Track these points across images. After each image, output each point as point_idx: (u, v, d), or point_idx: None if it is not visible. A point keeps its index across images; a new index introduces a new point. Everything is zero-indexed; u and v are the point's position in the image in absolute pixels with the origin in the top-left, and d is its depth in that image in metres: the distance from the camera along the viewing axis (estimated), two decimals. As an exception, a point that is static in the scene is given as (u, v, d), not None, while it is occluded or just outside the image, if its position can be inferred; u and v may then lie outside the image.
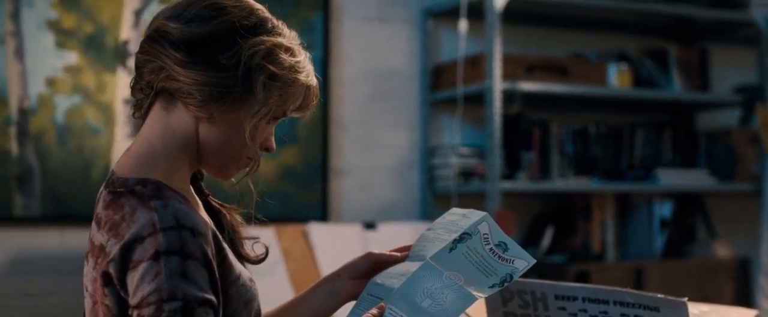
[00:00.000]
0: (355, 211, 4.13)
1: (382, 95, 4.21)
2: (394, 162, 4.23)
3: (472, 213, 1.74)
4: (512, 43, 4.25)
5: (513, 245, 1.71)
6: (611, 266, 4.26)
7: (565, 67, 4.12)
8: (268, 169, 3.95)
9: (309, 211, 4.02)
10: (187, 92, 1.54)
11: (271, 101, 1.57)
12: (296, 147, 4.02)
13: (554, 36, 4.53)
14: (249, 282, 1.59)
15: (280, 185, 3.98)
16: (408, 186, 4.25)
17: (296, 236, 3.78)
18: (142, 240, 1.44)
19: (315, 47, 4.04)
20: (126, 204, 1.49)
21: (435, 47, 4.30)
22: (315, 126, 4.04)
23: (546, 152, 4.23)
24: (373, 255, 1.74)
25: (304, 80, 1.62)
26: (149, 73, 1.57)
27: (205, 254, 1.46)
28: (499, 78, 3.90)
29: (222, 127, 1.57)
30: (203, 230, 1.48)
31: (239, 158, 1.63)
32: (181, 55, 1.54)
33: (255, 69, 1.55)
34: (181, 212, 1.46)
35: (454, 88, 4.09)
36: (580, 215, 4.36)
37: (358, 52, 4.17)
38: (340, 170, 4.12)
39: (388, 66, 4.22)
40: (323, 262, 3.70)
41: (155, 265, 1.42)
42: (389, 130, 4.22)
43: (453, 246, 1.67)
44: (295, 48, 1.63)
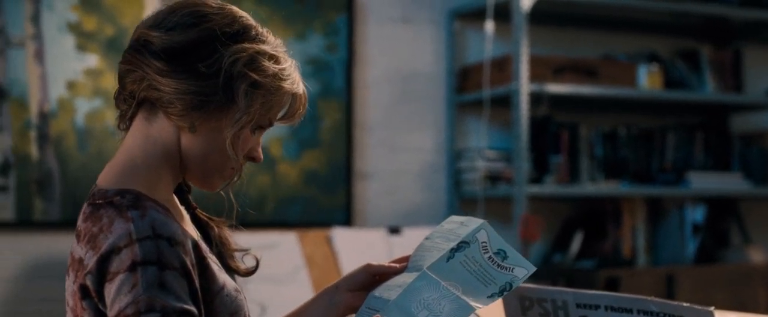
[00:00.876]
0: (379, 215, 4.06)
1: (407, 97, 4.14)
2: (420, 166, 4.16)
3: (471, 221, 1.68)
4: (540, 45, 4.17)
5: (512, 252, 1.65)
6: (642, 272, 4.17)
7: (593, 69, 4.05)
8: (291, 173, 3.90)
9: (333, 216, 3.96)
10: (168, 101, 1.51)
11: (253, 110, 1.53)
12: (319, 151, 3.97)
13: (583, 37, 4.44)
14: (234, 292, 1.55)
15: (303, 190, 3.93)
16: (434, 190, 4.18)
17: (319, 241, 3.72)
18: (119, 251, 1.40)
19: (338, 49, 3.99)
20: (104, 216, 1.46)
21: (461, 49, 4.23)
22: (339, 129, 3.99)
23: (575, 156, 4.15)
24: (371, 267, 1.69)
25: (289, 88, 1.58)
26: (131, 83, 1.54)
27: (183, 263, 1.43)
28: (526, 80, 3.83)
29: (204, 136, 1.54)
30: (181, 240, 1.44)
31: (223, 169, 1.59)
32: (161, 64, 1.51)
33: (236, 77, 1.51)
34: (158, 221, 1.43)
35: (480, 90, 4.02)
36: (610, 220, 4.27)
37: (382, 53, 4.11)
38: (365, 173, 4.06)
39: (413, 68, 4.16)
40: (347, 268, 3.64)
41: (132, 276, 1.38)
42: (414, 133, 4.15)
43: (451, 255, 1.62)
44: (279, 55, 1.58)
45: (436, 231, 1.70)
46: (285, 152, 3.91)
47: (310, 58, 3.94)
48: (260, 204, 3.85)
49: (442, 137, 4.19)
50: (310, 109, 3.86)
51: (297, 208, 3.92)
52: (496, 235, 1.66)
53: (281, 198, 3.89)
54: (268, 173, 3.87)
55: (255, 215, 3.82)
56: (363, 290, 1.68)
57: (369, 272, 1.69)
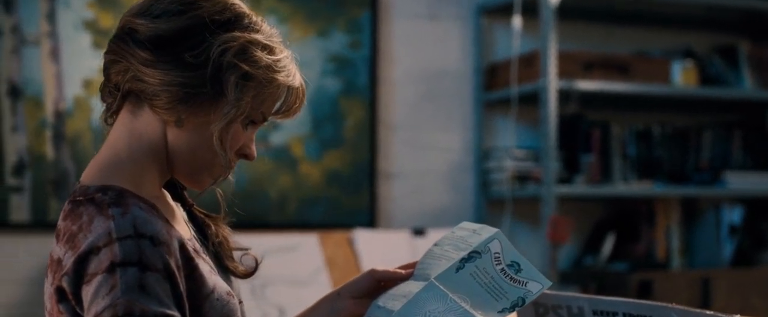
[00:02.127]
0: (404, 217, 3.96)
1: (433, 96, 4.04)
2: (446, 165, 4.05)
3: (484, 229, 1.58)
4: (569, 40, 4.05)
5: (527, 265, 1.55)
6: (676, 275, 4.03)
7: (625, 65, 3.92)
8: (314, 173, 3.81)
9: (356, 217, 3.86)
10: (153, 93, 1.43)
11: (244, 103, 1.44)
12: (342, 150, 3.87)
13: (614, 32, 4.31)
14: (226, 296, 1.45)
15: (325, 190, 3.83)
16: (460, 191, 4.06)
17: (341, 243, 3.63)
18: (98, 251, 1.32)
19: (362, 46, 3.89)
20: (84, 213, 1.37)
21: (488, 45, 4.11)
22: (362, 128, 3.89)
23: (607, 155, 4.03)
24: (375, 273, 1.60)
25: (284, 80, 1.48)
26: (116, 74, 1.46)
27: (167, 265, 1.34)
28: (554, 77, 3.71)
29: (191, 131, 1.45)
30: (165, 239, 1.35)
31: (212, 166, 1.49)
32: (146, 53, 1.42)
33: (226, 68, 1.42)
34: (140, 219, 1.34)
35: (507, 87, 3.90)
36: (643, 222, 4.14)
37: (407, 51, 4.01)
38: (389, 173, 3.96)
39: (439, 65, 4.05)
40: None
41: (110, 278, 1.30)
42: (441, 132, 4.04)
43: (460, 265, 1.52)
44: (274, 46, 1.49)
45: (447, 238, 1.61)
46: (307, 151, 3.81)
47: (332, 56, 3.85)
48: (281, 205, 3.76)
49: (469, 136, 4.08)
50: (332, 108, 3.82)
51: (319, 209, 3.82)
52: (510, 246, 1.56)
53: (303, 199, 3.79)
54: (289, 174, 3.78)
55: (276, 217, 3.74)
56: (366, 297, 1.60)
57: (373, 278, 1.60)
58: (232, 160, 1.50)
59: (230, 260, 1.58)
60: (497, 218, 3.99)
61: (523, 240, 4.05)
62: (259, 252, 3.40)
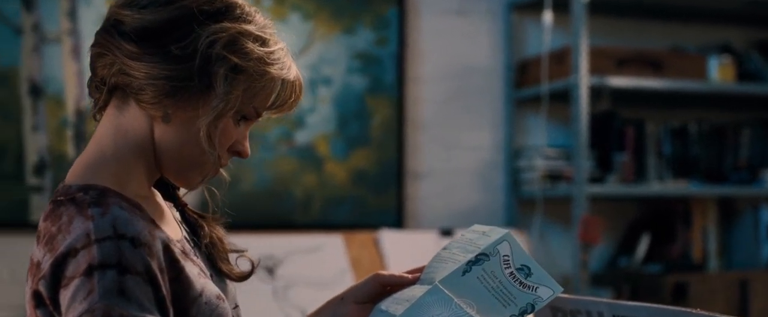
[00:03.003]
0: (432, 217, 3.87)
1: (463, 93, 3.95)
2: (475, 165, 3.96)
3: (493, 231, 1.50)
4: (601, 36, 3.94)
5: (537, 269, 1.46)
6: (713, 277, 3.91)
7: (660, 61, 3.81)
8: (339, 173, 3.74)
9: (383, 217, 3.78)
10: (139, 87, 1.36)
11: (233, 96, 1.37)
12: (369, 149, 3.79)
13: (647, 27, 4.19)
14: (216, 300, 1.38)
15: (351, 190, 3.76)
16: (490, 190, 3.97)
17: (366, 243, 3.55)
18: (76, 253, 1.25)
19: (389, 43, 3.81)
20: (64, 214, 1.31)
21: (519, 41, 4.02)
22: (389, 126, 3.81)
23: (641, 153, 3.92)
24: (380, 277, 1.53)
25: (277, 73, 1.40)
26: (102, 68, 1.40)
27: (148, 268, 1.27)
28: (585, 73, 3.62)
29: (179, 127, 1.39)
30: (146, 240, 1.28)
31: (202, 164, 1.42)
32: (132, 46, 1.36)
33: (215, 60, 1.36)
34: (120, 219, 1.28)
35: (539, 84, 3.81)
36: (679, 222, 4.02)
37: (436, 47, 3.92)
38: (417, 173, 3.88)
39: (468, 62, 3.96)
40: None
41: (88, 281, 1.23)
42: (470, 130, 3.95)
43: (467, 268, 1.44)
44: (267, 37, 1.41)
45: (456, 241, 1.53)
46: (332, 150, 3.74)
47: (358, 53, 3.77)
48: (306, 205, 3.69)
49: (499, 135, 3.99)
50: (359, 106, 3.75)
51: (345, 209, 3.75)
52: (520, 248, 1.48)
53: (328, 199, 3.72)
54: (314, 173, 3.71)
55: (301, 217, 3.67)
56: (371, 302, 1.53)
57: (378, 282, 1.53)
58: (223, 157, 1.44)
59: (225, 262, 1.52)
60: (528, 218, 3.90)
61: (554, 240, 3.96)
62: (282, 253, 3.37)
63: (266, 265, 3.37)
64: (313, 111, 3.71)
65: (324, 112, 3.73)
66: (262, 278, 3.33)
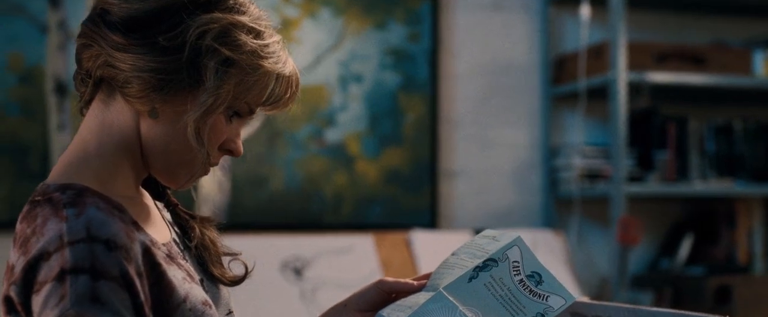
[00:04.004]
0: (467, 217, 3.77)
1: (498, 90, 3.84)
2: (512, 163, 3.86)
3: (504, 235, 1.41)
4: (640, 30, 3.83)
5: (549, 277, 1.38)
6: (758, 280, 3.77)
7: (702, 56, 3.68)
8: (371, 172, 3.65)
9: (416, 217, 3.69)
10: (124, 80, 1.29)
11: (224, 91, 1.29)
12: (402, 148, 3.70)
13: (688, 21, 4.06)
14: (201, 307, 1.30)
15: (383, 190, 3.67)
16: (526, 190, 3.86)
17: (397, 244, 3.46)
18: (48, 257, 1.18)
19: (422, 39, 3.72)
20: (39, 215, 1.24)
21: (556, 37, 3.91)
22: (423, 124, 3.72)
23: (683, 152, 3.79)
24: (384, 284, 1.46)
25: (271, 67, 1.33)
26: (88, 60, 1.33)
27: (124, 272, 1.19)
28: (624, 69, 3.50)
29: (166, 123, 1.32)
30: (122, 243, 1.21)
31: (190, 163, 1.34)
32: (118, 36, 1.29)
33: (205, 52, 1.28)
34: (95, 221, 1.20)
35: (576, 81, 3.69)
36: (723, 223, 3.89)
37: (471, 43, 3.82)
38: (451, 172, 3.78)
39: (504, 58, 3.86)
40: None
41: (60, 287, 1.16)
42: (506, 128, 3.85)
43: (474, 274, 1.36)
44: (261, 29, 1.34)
45: (465, 246, 1.45)
46: (364, 149, 3.66)
47: (391, 49, 3.68)
48: (337, 206, 3.61)
49: (536, 133, 3.88)
50: (391, 103, 3.65)
51: (377, 209, 3.66)
52: (531, 254, 1.40)
53: (360, 199, 3.64)
54: (345, 173, 3.63)
55: (331, 217, 3.59)
56: (374, 310, 1.46)
57: (382, 289, 1.46)
58: (214, 155, 1.36)
59: (217, 266, 1.44)
60: (565, 218, 3.80)
61: (592, 241, 3.85)
62: (310, 254, 3.29)
63: (294, 266, 3.29)
64: (344, 109, 3.63)
65: (355, 110, 3.65)
66: (289, 279, 3.26)
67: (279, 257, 3.31)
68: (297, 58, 3.79)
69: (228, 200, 3.49)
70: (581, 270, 3.75)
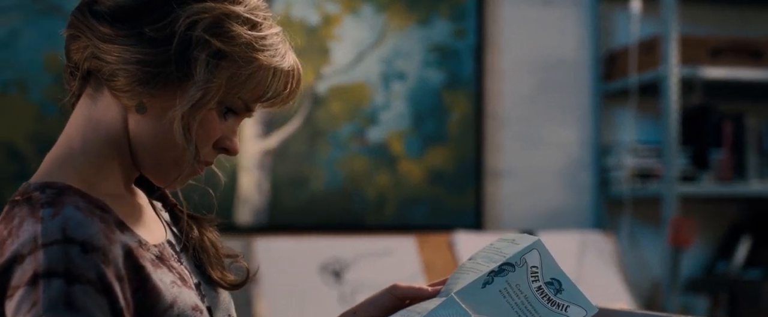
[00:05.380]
0: (514, 218, 3.66)
1: (546, 87, 3.73)
2: (561, 163, 3.74)
3: (522, 239, 1.31)
4: (693, 24, 3.69)
5: (569, 285, 1.28)
6: (820, 283, 3.61)
7: (759, 50, 3.53)
8: (415, 172, 3.56)
9: (460, 218, 3.59)
10: (111, 73, 1.22)
11: (214, 85, 1.22)
12: (446, 147, 3.60)
13: (744, 13, 3.89)
14: (191, 312, 1.23)
15: (427, 190, 3.57)
16: (576, 190, 3.74)
17: (440, 246, 3.37)
18: (22, 260, 1.12)
19: (467, 34, 3.62)
20: (16, 216, 1.17)
21: (607, 32, 3.78)
22: (468, 123, 3.61)
23: (740, 150, 3.64)
24: (397, 289, 1.38)
25: (267, 61, 1.25)
26: (75, 52, 1.26)
27: (101, 276, 1.12)
28: (676, 64, 3.37)
29: (155, 119, 1.24)
30: (100, 245, 1.14)
31: (180, 160, 1.26)
32: (105, 27, 1.22)
33: (195, 44, 1.21)
34: (72, 221, 1.13)
35: (626, 77, 3.57)
36: (782, 224, 3.74)
37: (518, 39, 3.71)
38: (498, 171, 3.67)
39: (552, 54, 3.74)
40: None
41: (33, 291, 1.09)
42: (554, 126, 3.73)
43: (488, 279, 1.26)
44: (258, 20, 1.26)
45: (484, 249, 1.36)
46: (407, 148, 3.57)
47: (435, 45, 3.59)
48: (379, 206, 3.52)
49: (586, 131, 3.75)
50: (435, 101, 3.56)
51: (420, 210, 3.57)
52: (551, 259, 1.30)
53: (403, 200, 3.55)
54: (388, 173, 3.54)
55: (373, 218, 3.51)
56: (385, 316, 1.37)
57: (394, 295, 1.38)
58: (208, 154, 1.29)
59: (216, 268, 1.36)
60: (616, 219, 3.67)
61: (644, 243, 3.72)
62: (351, 256, 3.21)
63: (333, 269, 3.22)
64: (387, 107, 3.55)
65: (398, 108, 3.56)
66: (327, 282, 3.18)
67: (318, 259, 3.23)
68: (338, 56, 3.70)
69: (267, 200, 3.42)
70: (632, 274, 3.62)
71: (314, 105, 3.48)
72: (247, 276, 1.39)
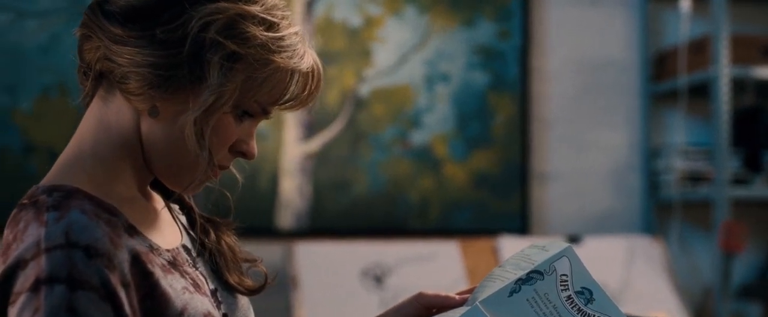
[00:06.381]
0: (560, 222, 3.59)
1: (594, 88, 3.65)
2: (609, 165, 3.66)
3: (552, 245, 1.25)
4: (745, 23, 3.59)
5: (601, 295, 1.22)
6: None
7: (813, 49, 3.44)
8: (459, 175, 3.50)
9: (505, 223, 3.52)
10: (122, 75, 1.18)
11: (228, 89, 1.17)
12: (491, 150, 3.54)
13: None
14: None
15: (471, 194, 3.51)
16: (625, 193, 3.66)
17: (484, 251, 3.30)
18: (25, 265, 1.09)
19: (512, 36, 3.55)
20: (22, 219, 1.14)
21: (655, 32, 3.69)
22: (513, 125, 3.55)
23: (794, 152, 3.54)
24: (424, 297, 1.34)
25: (284, 63, 1.20)
26: (88, 52, 1.22)
27: (105, 282, 1.09)
28: (727, 64, 3.28)
29: (168, 122, 1.20)
30: (105, 250, 1.10)
31: (194, 164, 1.22)
32: (117, 28, 1.18)
33: (208, 46, 1.16)
34: (76, 225, 1.10)
35: (675, 77, 3.48)
36: (839, 228, 3.63)
37: (565, 40, 3.64)
38: (544, 175, 3.60)
39: (600, 55, 3.66)
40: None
41: (35, 298, 1.06)
42: (602, 128, 3.65)
43: (515, 287, 1.21)
44: (275, 20, 1.21)
45: (513, 256, 1.31)
46: (451, 151, 3.51)
47: (479, 47, 3.53)
48: (423, 210, 3.47)
49: (635, 133, 3.67)
50: (480, 103, 3.50)
51: (464, 215, 3.51)
52: (582, 267, 1.23)
53: (447, 203, 3.49)
54: (432, 176, 3.48)
55: (416, 222, 3.46)
56: None
57: (420, 303, 1.35)
58: (223, 158, 1.25)
59: (234, 273, 1.32)
60: (666, 223, 3.58)
61: (695, 248, 3.62)
62: (393, 261, 3.16)
63: (375, 274, 3.17)
64: (431, 110, 3.49)
65: (442, 110, 3.50)
66: (368, 287, 3.13)
67: (360, 264, 3.19)
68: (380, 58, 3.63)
69: (309, 204, 3.38)
70: (682, 280, 3.53)
71: (356, 108, 3.44)
72: (266, 281, 1.34)
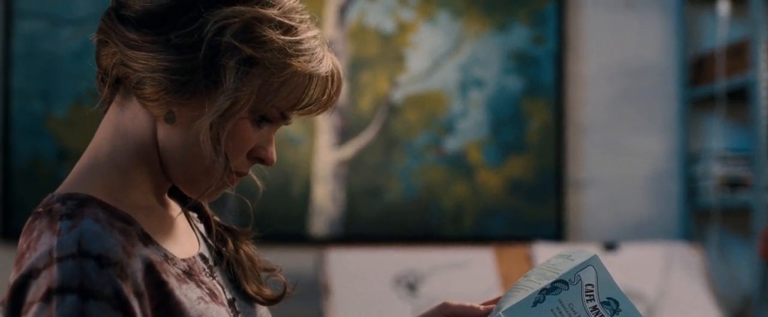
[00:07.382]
0: (596, 230, 3.54)
1: (630, 94, 3.60)
2: (646, 172, 3.61)
3: (578, 254, 1.22)
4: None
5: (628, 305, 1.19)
6: None
7: None
8: (493, 182, 3.47)
9: (540, 230, 3.48)
10: (138, 81, 1.17)
11: (244, 94, 1.15)
12: (526, 156, 3.50)
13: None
14: None
15: (506, 201, 3.48)
16: (662, 200, 3.60)
17: (519, 258, 3.27)
18: (37, 275, 1.07)
19: (547, 41, 3.51)
20: (36, 228, 1.13)
21: (693, 36, 3.64)
22: (548, 131, 3.51)
23: (836, 158, 3.47)
24: (447, 307, 1.31)
25: (302, 67, 1.17)
26: (105, 58, 1.21)
27: (117, 291, 1.07)
28: (766, 68, 3.23)
29: (184, 128, 1.18)
30: (117, 259, 1.08)
31: (210, 170, 1.19)
32: (132, 33, 1.17)
33: (224, 50, 1.14)
34: (88, 234, 1.08)
35: (713, 82, 3.43)
36: None
37: (601, 45, 3.60)
38: (580, 181, 3.56)
39: (637, 59, 3.62)
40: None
41: (46, 308, 1.05)
42: (639, 134, 3.60)
43: (540, 297, 1.18)
44: (293, 24, 1.19)
45: (538, 266, 1.28)
46: (486, 158, 3.48)
47: (513, 52, 3.50)
48: (457, 217, 3.44)
49: (673, 139, 3.62)
50: (514, 109, 3.47)
51: (499, 221, 3.47)
52: (608, 277, 1.21)
53: (481, 210, 3.46)
54: (466, 183, 3.45)
55: (450, 230, 3.43)
56: None
57: (444, 313, 1.32)
58: (241, 164, 1.23)
59: (252, 283, 1.30)
60: (704, 230, 3.53)
61: (734, 255, 3.56)
62: (426, 269, 3.13)
63: (408, 282, 3.14)
64: (464, 116, 3.46)
65: (476, 116, 3.47)
66: (401, 295, 3.11)
67: (392, 271, 3.16)
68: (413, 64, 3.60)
69: (342, 211, 3.36)
70: (721, 287, 3.47)
71: (389, 114, 3.42)
72: (285, 290, 1.32)
